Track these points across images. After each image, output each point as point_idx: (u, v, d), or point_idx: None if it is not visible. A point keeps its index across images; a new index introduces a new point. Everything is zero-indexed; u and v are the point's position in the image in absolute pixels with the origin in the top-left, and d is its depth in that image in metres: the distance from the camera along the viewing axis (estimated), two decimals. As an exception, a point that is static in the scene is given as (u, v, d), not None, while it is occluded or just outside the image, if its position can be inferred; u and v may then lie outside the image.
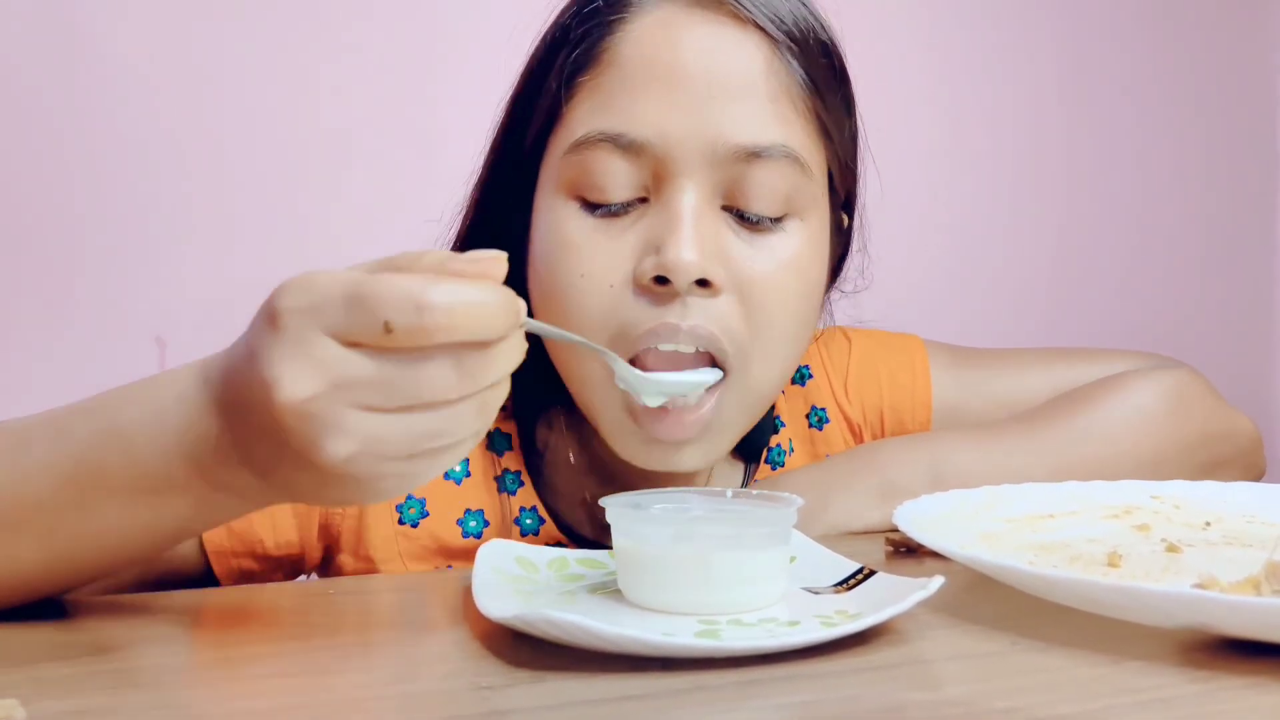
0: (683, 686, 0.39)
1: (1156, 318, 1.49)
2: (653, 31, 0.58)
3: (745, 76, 0.58)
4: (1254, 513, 0.62)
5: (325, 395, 0.38)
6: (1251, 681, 0.39)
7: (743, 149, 0.58)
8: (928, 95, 1.36)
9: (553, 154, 0.61)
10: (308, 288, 0.39)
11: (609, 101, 0.58)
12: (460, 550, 0.67)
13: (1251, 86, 1.55)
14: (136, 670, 0.43)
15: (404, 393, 0.38)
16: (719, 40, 0.58)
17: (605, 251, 0.58)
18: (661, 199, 0.58)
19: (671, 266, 0.56)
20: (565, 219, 0.59)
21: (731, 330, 0.59)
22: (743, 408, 0.62)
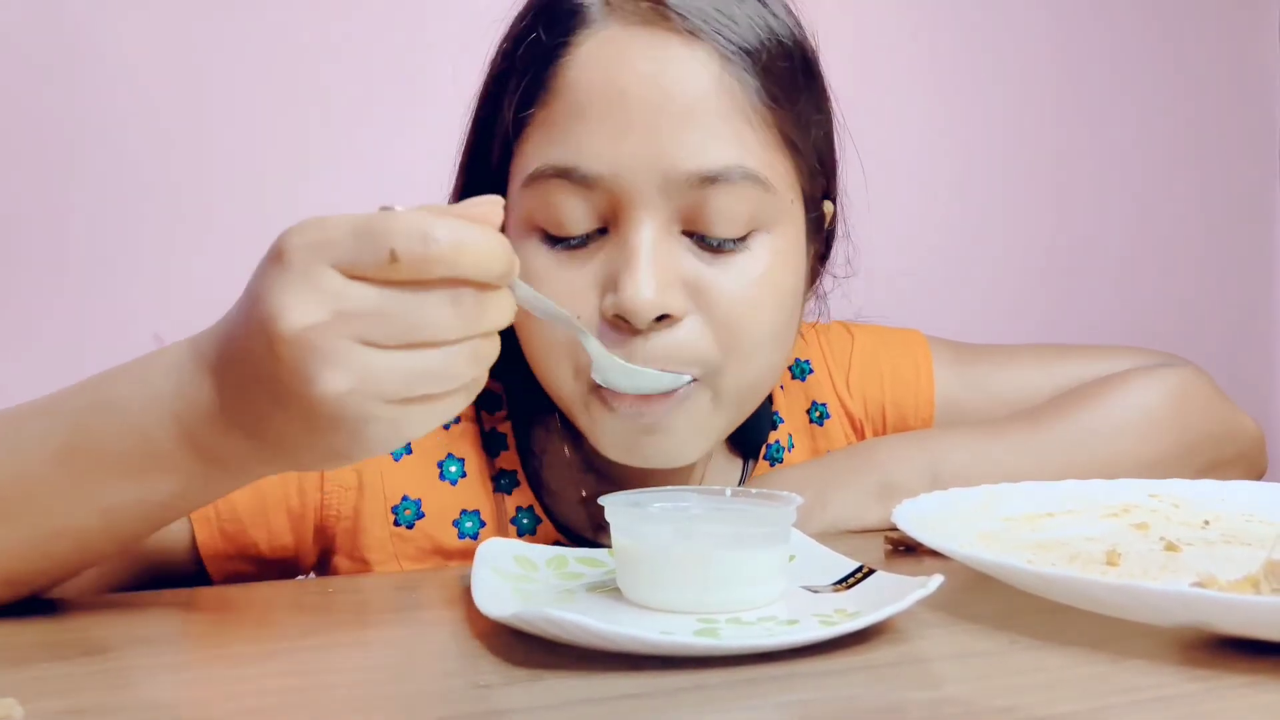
0: (682, 685, 0.39)
1: (1155, 312, 1.49)
2: (598, 55, 0.56)
3: (694, 97, 0.55)
4: (1253, 511, 0.62)
5: (326, 325, 0.38)
6: (1250, 680, 0.39)
7: (697, 175, 0.55)
8: (920, 89, 1.36)
9: (514, 184, 0.60)
10: (317, 225, 0.39)
11: (559, 134, 0.56)
12: (456, 551, 0.67)
13: (1250, 81, 1.55)
14: (133, 669, 0.42)
15: (403, 326, 0.38)
16: (665, 61, 0.56)
17: (568, 287, 0.57)
18: (619, 232, 0.57)
19: (628, 308, 0.55)
20: (528, 254, 0.58)
21: (698, 351, 0.58)
22: (719, 408, 0.61)
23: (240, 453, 0.43)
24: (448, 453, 0.67)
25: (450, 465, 0.67)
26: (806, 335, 0.80)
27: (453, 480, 0.67)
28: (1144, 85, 1.48)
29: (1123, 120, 1.47)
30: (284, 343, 0.38)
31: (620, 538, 0.50)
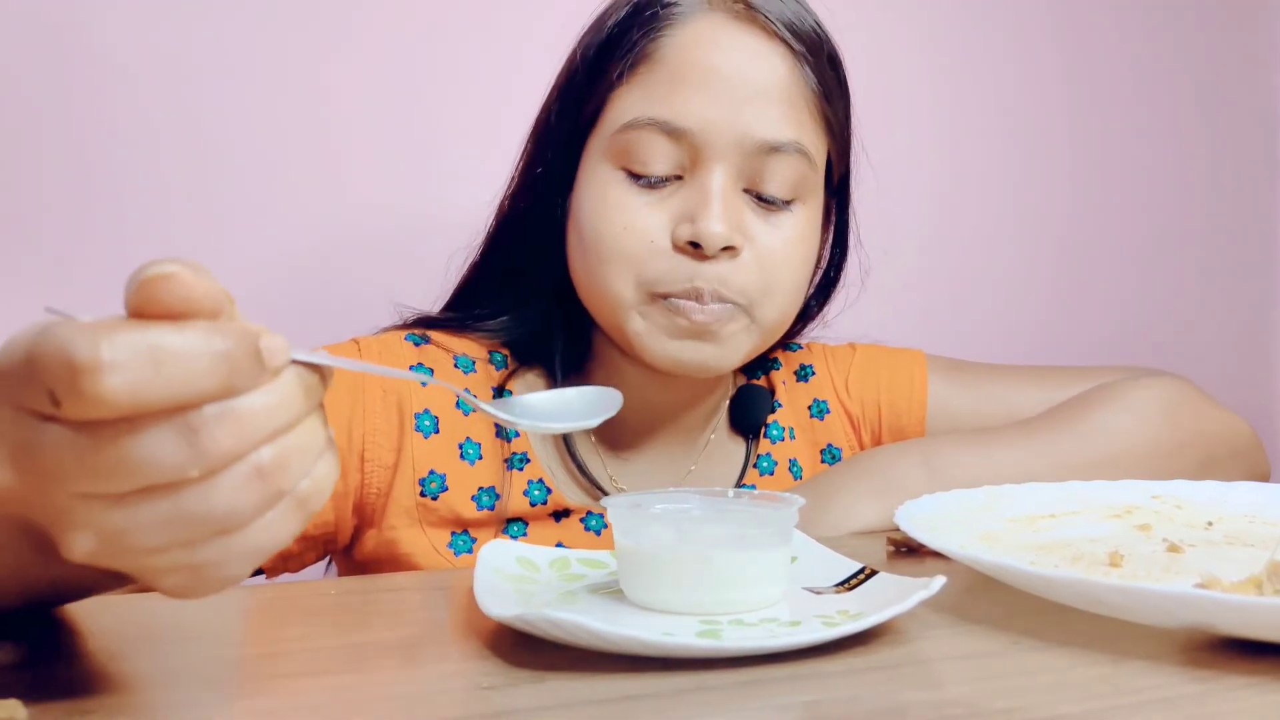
0: (684, 686, 0.39)
1: (1163, 322, 1.49)
2: (698, 38, 0.68)
3: (771, 83, 0.68)
4: (1255, 513, 0.62)
5: (33, 484, 0.31)
6: (1253, 681, 0.39)
7: (765, 143, 0.68)
8: (927, 101, 1.36)
9: (602, 131, 0.70)
10: (6, 348, 0.31)
11: (658, 93, 0.68)
12: (473, 521, 0.72)
13: (1256, 90, 1.55)
14: (138, 671, 0.43)
15: (122, 476, 0.30)
16: (751, 50, 0.68)
17: (647, 213, 0.68)
18: (696, 177, 0.68)
19: (704, 235, 0.67)
20: (612, 184, 0.69)
21: (745, 287, 0.69)
22: (750, 331, 0.71)
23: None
24: (466, 436, 0.73)
25: (469, 447, 0.73)
26: (814, 350, 0.87)
27: (471, 461, 0.73)
28: (1149, 90, 1.48)
29: (1125, 127, 1.47)
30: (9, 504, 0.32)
31: (622, 539, 0.50)
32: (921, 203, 1.35)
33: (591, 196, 0.70)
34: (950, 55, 1.37)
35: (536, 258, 0.75)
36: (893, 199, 1.23)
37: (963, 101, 1.38)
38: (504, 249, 0.78)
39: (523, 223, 0.76)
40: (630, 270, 0.68)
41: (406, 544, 0.70)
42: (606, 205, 0.69)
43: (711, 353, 0.70)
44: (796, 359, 0.86)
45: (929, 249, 1.36)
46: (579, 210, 0.71)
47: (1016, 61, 1.40)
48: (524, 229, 0.76)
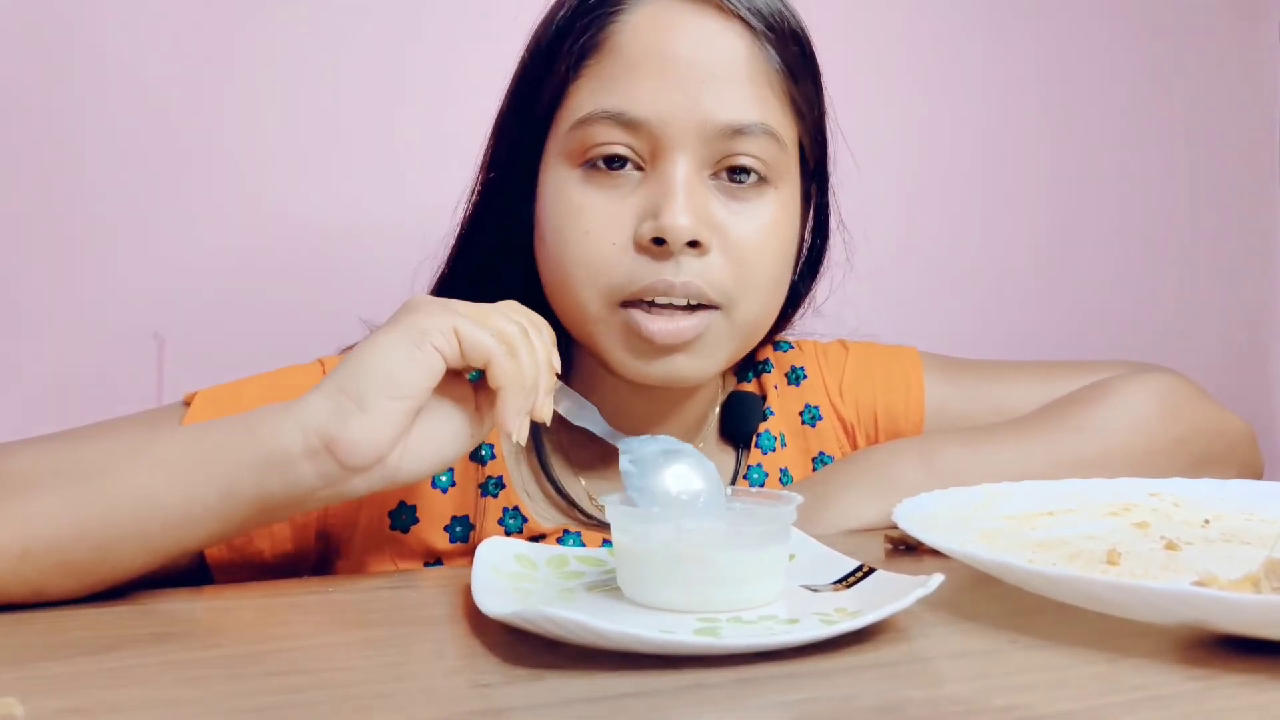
0: (682, 684, 0.39)
1: (1154, 316, 1.49)
2: (649, 23, 0.65)
3: (730, 63, 0.65)
4: (1253, 510, 0.62)
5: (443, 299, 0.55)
6: (1250, 679, 0.39)
7: (728, 126, 0.65)
8: (910, 97, 1.36)
9: (558, 130, 0.67)
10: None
11: (611, 84, 0.65)
12: (447, 553, 0.69)
13: (1249, 86, 1.55)
14: (134, 668, 0.42)
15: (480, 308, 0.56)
16: (707, 31, 0.65)
17: (607, 213, 0.65)
18: (657, 170, 0.65)
19: (668, 230, 0.63)
20: (570, 185, 0.66)
21: (717, 283, 0.66)
22: (730, 335, 0.68)
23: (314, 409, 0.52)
24: None
25: (440, 475, 0.70)
26: (805, 349, 0.85)
27: (443, 489, 0.70)
28: (1142, 87, 1.48)
29: (1120, 122, 1.47)
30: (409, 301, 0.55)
31: (620, 536, 0.50)
32: (907, 189, 1.35)
33: (553, 200, 0.67)
34: (940, 36, 1.37)
35: (504, 266, 0.72)
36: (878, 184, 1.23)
37: (952, 85, 1.38)
38: (471, 259, 0.75)
39: (487, 232, 0.73)
40: (593, 279, 0.65)
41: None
42: (567, 209, 0.66)
43: (686, 364, 0.67)
44: (788, 360, 0.83)
45: (917, 236, 1.36)
46: (543, 217, 0.68)
47: (1008, 43, 1.40)
48: (489, 238, 0.73)
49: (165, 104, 1.04)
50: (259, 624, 0.50)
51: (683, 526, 0.49)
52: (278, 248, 1.08)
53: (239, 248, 1.07)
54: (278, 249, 1.08)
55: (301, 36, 1.09)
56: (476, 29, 1.13)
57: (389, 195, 1.12)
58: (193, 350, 1.05)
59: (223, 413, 0.65)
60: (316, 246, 1.09)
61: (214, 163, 1.06)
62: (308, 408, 0.52)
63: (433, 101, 1.13)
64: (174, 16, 1.04)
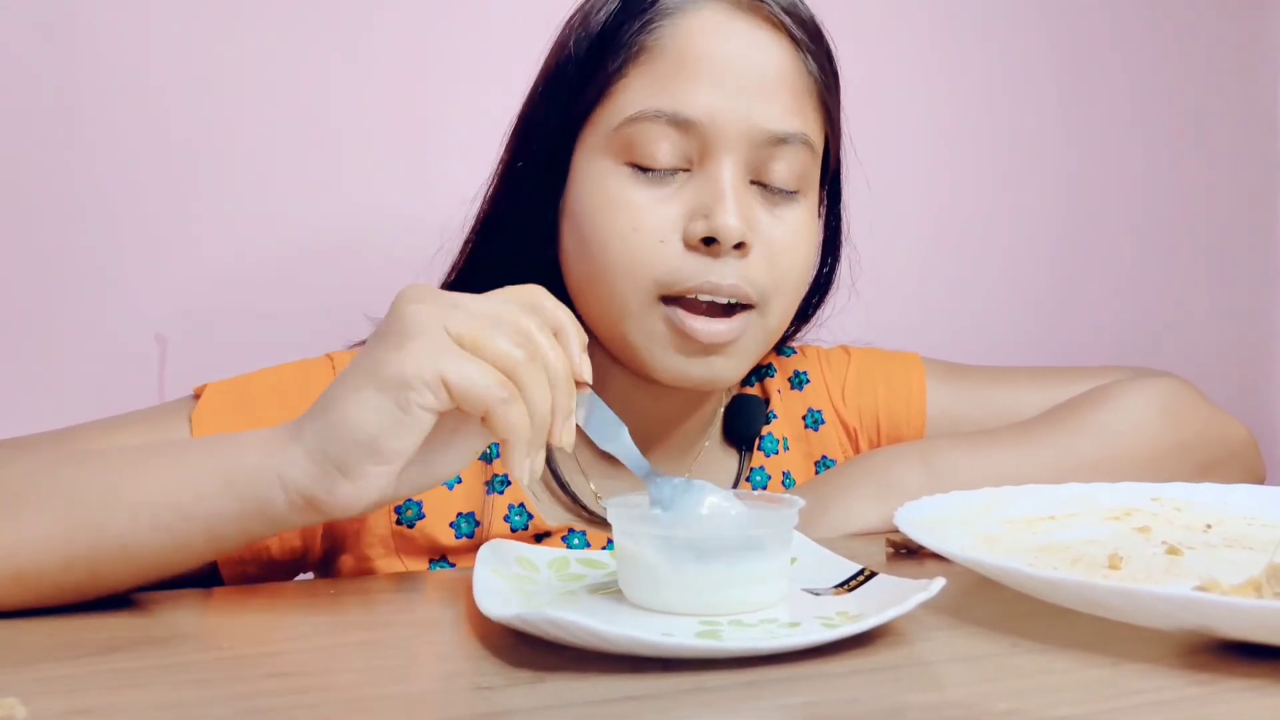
0: (683, 687, 0.39)
1: (1159, 324, 1.49)
2: (701, 27, 0.67)
3: (777, 72, 0.67)
4: (1255, 515, 0.62)
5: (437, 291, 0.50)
6: (1252, 684, 0.39)
7: (773, 135, 0.67)
8: (920, 97, 1.36)
9: (599, 126, 0.68)
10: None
11: (662, 84, 0.66)
12: (453, 549, 0.69)
13: (1256, 92, 1.55)
14: (137, 670, 0.43)
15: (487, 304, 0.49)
16: (757, 39, 0.67)
17: (655, 211, 0.66)
18: (705, 170, 0.67)
19: (720, 230, 0.65)
20: (616, 180, 0.67)
21: (757, 283, 0.68)
22: (760, 335, 0.70)
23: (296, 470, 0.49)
24: None
25: None
26: (808, 354, 0.85)
27: (450, 485, 0.70)
28: (1152, 93, 1.48)
29: (1129, 130, 1.47)
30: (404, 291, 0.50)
31: (622, 539, 0.50)
32: (914, 201, 1.35)
33: (592, 194, 0.67)
34: (944, 52, 1.37)
35: (521, 261, 0.72)
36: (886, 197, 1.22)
37: (956, 100, 1.38)
38: (486, 253, 0.74)
39: (506, 225, 0.73)
40: (639, 274, 0.66)
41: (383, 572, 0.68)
42: (611, 204, 0.66)
43: (722, 366, 0.68)
44: (791, 365, 0.83)
45: (921, 248, 1.36)
46: (578, 210, 0.68)
47: (1010, 58, 1.40)
48: (507, 231, 0.73)
49: (169, 103, 1.05)
50: (261, 626, 0.50)
51: (684, 529, 0.49)
52: (283, 246, 1.08)
53: (244, 246, 1.07)
54: (283, 247, 1.08)
55: (308, 35, 1.09)
56: (492, 26, 1.13)
57: (396, 193, 1.12)
58: (196, 349, 1.05)
59: (232, 407, 0.65)
60: (322, 244, 1.09)
61: (218, 161, 1.06)
62: (288, 463, 0.48)
63: (443, 97, 1.13)
64: (178, 16, 1.04)
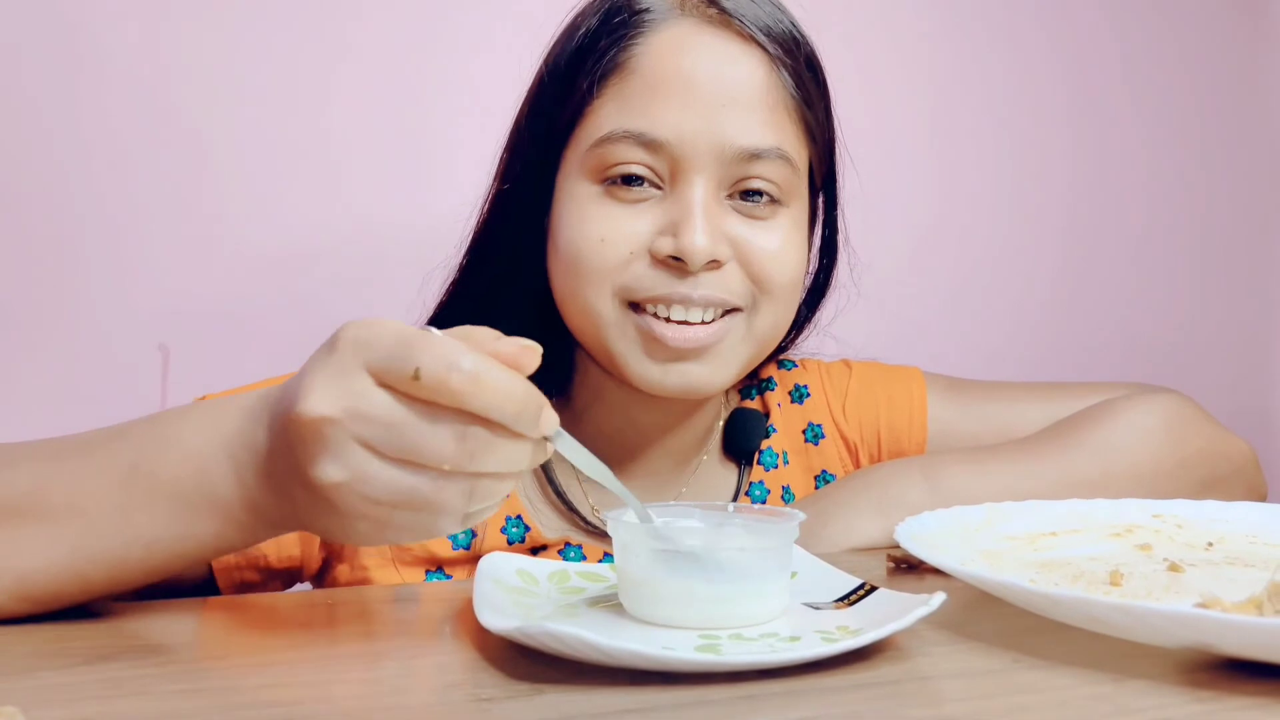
0: (683, 701, 0.39)
1: (1158, 337, 1.49)
2: (671, 45, 0.67)
3: (748, 88, 0.67)
4: (1256, 533, 0.62)
5: (338, 421, 0.41)
6: (1253, 702, 0.39)
7: (745, 150, 0.66)
8: (918, 101, 1.36)
9: (577, 145, 0.69)
10: (369, 325, 0.43)
11: (633, 104, 0.66)
12: (449, 561, 0.69)
13: (1262, 98, 1.55)
14: (135, 678, 0.42)
15: (405, 441, 0.41)
16: (727, 55, 0.67)
17: (624, 225, 0.67)
18: (675, 190, 0.67)
19: (687, 251, 0.65)
20: (590, 200, 0.67)
21: (736, 290, 0.68)
22: (745, 340, 0.70)
23: (271, 508, 0.47)
24: None
25: None
26: (809, 368, 0.85)
27: None
28: (1154, 96, 1.48)
29: (1131, 133, 1.47)
30: (300, 424, 0.42)
31: (622, 552, 0.50)
32: (914, 207, 1.35)
33: (568, 213, 0.68)
34: (943, 55, 1.37)
35: (515, 276, 0.73)
36: (886, 203, 1.23)
37: (956, 104, 1.38)
38: (482, 268, 0.75)
39: (499, 241, 0.74)
40: (606, 280, 0.66)
41: (380, 583, 0.68)
42: (584, 219, 0.67)
43: (700, 373, 0.68)
44: (791, 378, 0.84)
45: (923, 254, 1.36)
46: (557, 228, 0.69)
47: (1010, 61, 1.40)
48: (501, 248, 0.73)
49: (172, 111, 1.05)
50: (259, 636, 0.50)
51: (685, 543, 0.49)
52: (286, 255, 1.09)
53: (245, 257, 1.08)
54: (286, 257, 1.09)
55: (311, 44, 1.09)
56: (491, 35, 1.14)
57: (398, 204, 1.12)
58: (198, 360, 1.05)
59: None
60: (324, 256, 1.10)
61: (221, 172, 1.07)
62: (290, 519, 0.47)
63: (444, 109, 1.14)
64: (182, 23, 1.05)
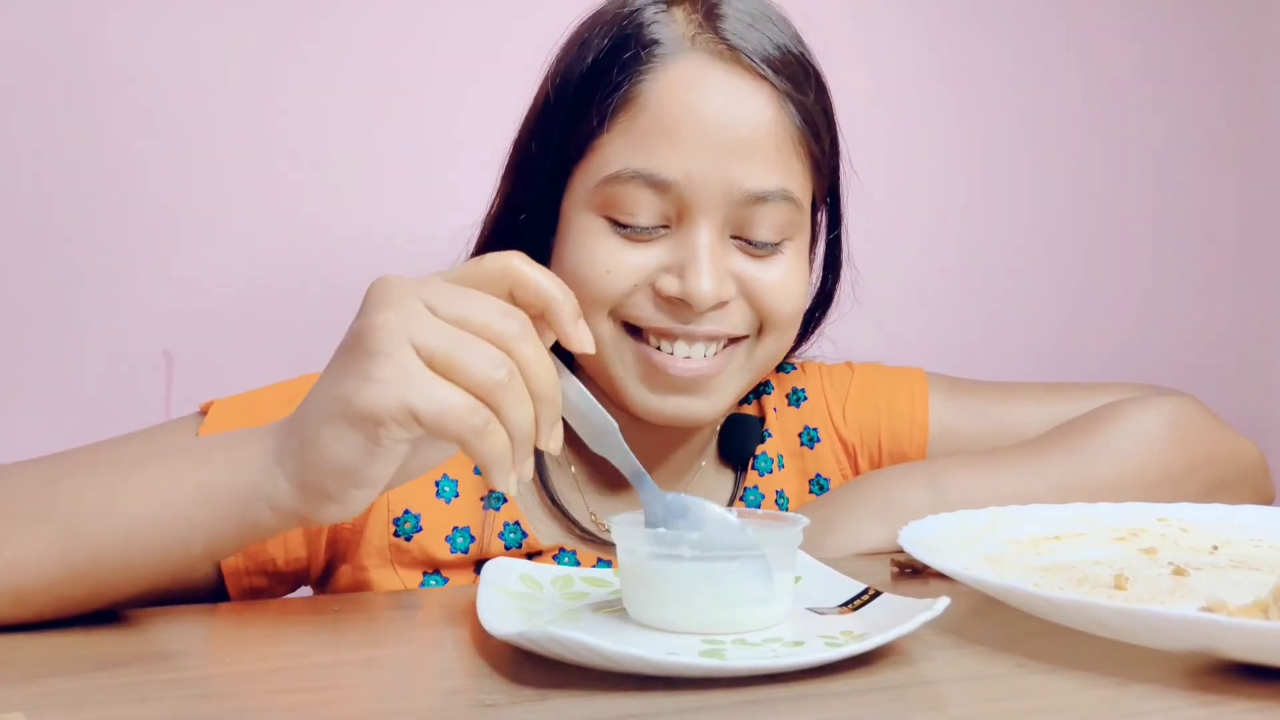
0: (687, 706, 0.39)
1: (1164, 338, 1.49)
2: (682, 83, 0.66)
3: (756, 129, 0.67)
4: (1261, 536, 0.62)
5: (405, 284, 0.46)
6: (1259, 706, 0.39)
7: (752, 194, 0.66)
8: (925, 111, 1.36)
9: (585, 177, 0.68)
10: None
11: (642, 142, 0.66)
12: (447, 564, 0.70)
13: (1267, 99, 1.54)
14: (140, 684, 0.43)
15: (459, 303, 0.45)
16: (735, 94, 0.67)
17: (630, 260, 0.67)
18: (682, 230, 0.67)
19: (694, 296, 0.66)
20: (596, 234, 0.67)
21: (740, 324, 0.69)
22: (744, 369, 0.71)
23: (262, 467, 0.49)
24: (444, 473, 0.71)
25: (445, 485, 0.70)
26: (809, 370, 0.85)
27: (447, 499, 0.70)
28: (1165, 106, 1.48)
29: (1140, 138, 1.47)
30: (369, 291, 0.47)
31: (626, 557, 0.50)
32: (920, 211, 1.35)
33: (574, 246, 0.68)
34: (953, 66, 1.37)
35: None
36: (892, 207, 1.23)
37: (963, 112, 1.38)
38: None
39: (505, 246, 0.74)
40: (607, 305, 0.67)
41: (378, 584, 0.68)
42: (590, 251, 0.67)
43: (696, 406, 0.68)
44: (789, 381, 0.83)
45: (926, 260, 1.36)
46: (561, 253, 0.70)
47: (1012, 70, 1.40)
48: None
49: (177, 117, 1.05)
50: (264, 642, 0.50)
51: (689, 548, 0.49)
52: (290, 263, 1.09)
53: (251, 264, 1.08)
54: (290, 264, 1.09)
55: (317, 49, 1.10)
56: (498, 41, 1.14)
57: (403, 209, 1.12)
58: (203, 367, 1.06)
59: (240, 422, 0.66)
60: (329, 262, 1.10)
61: (226, 177, 1.07)
62: (274, 488, 0.48)
63: (451, 113, 1.14)
64: (187, 28, 1.05)
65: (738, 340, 0.69)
